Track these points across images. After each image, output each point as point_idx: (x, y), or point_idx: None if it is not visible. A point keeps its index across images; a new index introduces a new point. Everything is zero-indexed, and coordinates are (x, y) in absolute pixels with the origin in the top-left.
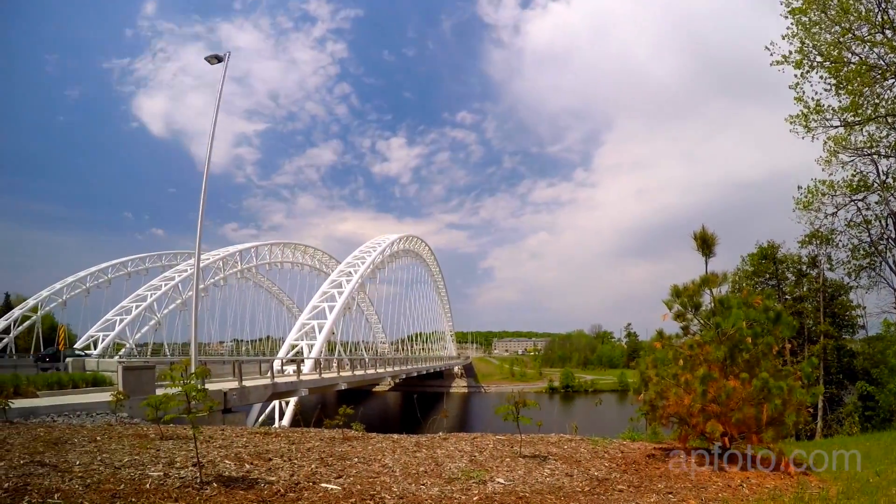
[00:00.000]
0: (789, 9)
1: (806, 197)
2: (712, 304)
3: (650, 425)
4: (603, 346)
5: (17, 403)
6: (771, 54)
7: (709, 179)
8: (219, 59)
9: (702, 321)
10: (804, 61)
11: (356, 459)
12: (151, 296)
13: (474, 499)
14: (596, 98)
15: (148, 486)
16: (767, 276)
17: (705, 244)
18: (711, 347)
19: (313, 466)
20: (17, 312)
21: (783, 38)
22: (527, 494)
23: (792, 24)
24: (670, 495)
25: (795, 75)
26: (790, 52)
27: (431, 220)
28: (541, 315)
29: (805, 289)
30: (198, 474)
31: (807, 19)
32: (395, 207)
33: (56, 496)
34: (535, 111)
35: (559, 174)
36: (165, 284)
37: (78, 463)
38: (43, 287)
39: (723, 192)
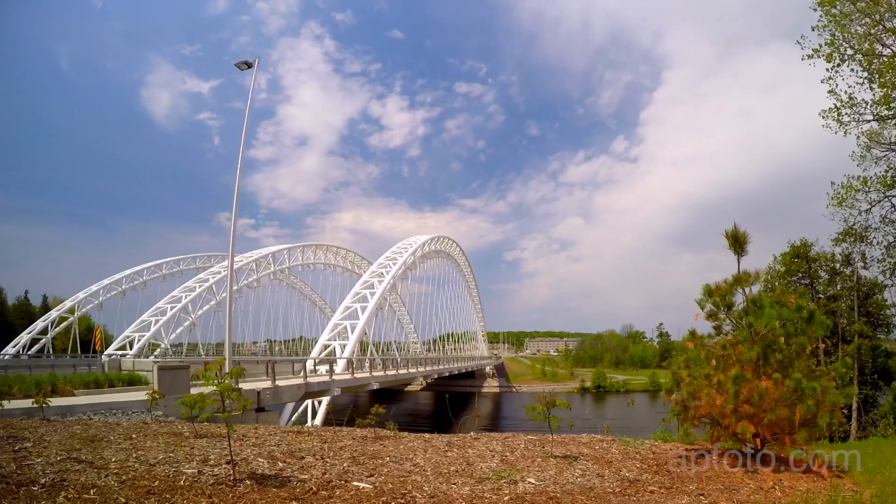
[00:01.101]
0: (818, 0)
1: (839, 193)
2: (745, 304)
3: (682, 426)
4: (635, 346)
5: (55, 402)
6: (802, 48)
7: (779, 140)
8: (248, 66)
9: (734, 321)
10: (835, 54)
11: (388, 458)
12: (186, 297)
13: (505, 498)
14: (640, 23)
15: (182, 482)
16: (800, 274)
17: (737, 243)
18: (744, 347)
19: (345, 465)
20: (54, 314)
21: (813, 31)
22: (557, 495)
23: (822, 15)
24: (702, 497)
25: (827, 69)
26: (821, 46)
27: (451, 208)
28: (572, 315)
29: (839, 287)
30: (231, 472)
31: (837, 11)
32: (405, 190)
33: (92, 492)
34: (561, 44)
35: (595, 144)
36: (200, 286)
37: (114, 460)
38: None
39: (797, 155)
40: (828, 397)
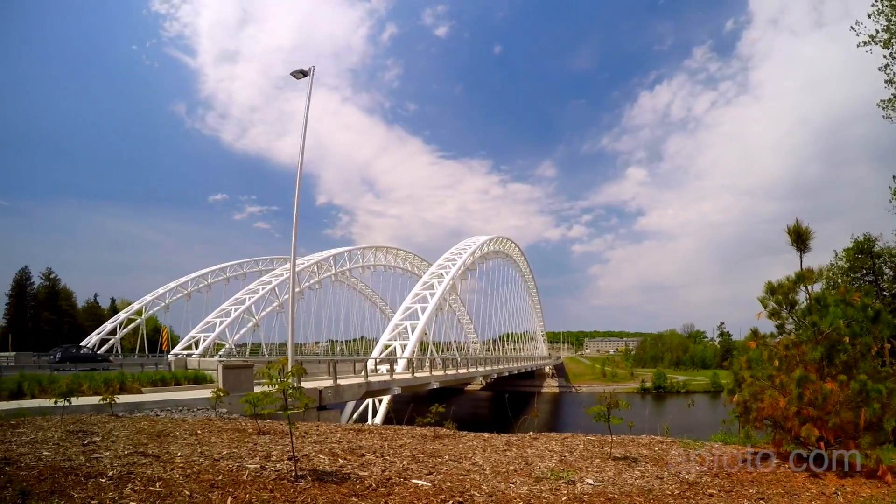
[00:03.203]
0: None
1: None
2: (808, 302)
3: (743, 428)
4: (695, 346)
5: (123, 399)
6: (857, 35)
7: None
8: (304, 74)
9: (797, 319)
10: (892, 40)
11: (447, 457)
12: (249, 299)
13: (563, 499)
14: None
15: (245, 477)
16: (864, 271)
17: (800, 239)
18: (807, 347)
19: (405, 463)
20: (122, 315)
21: (869, 17)
22: (616, 496)
23: (876, 1)
24: (762, 501)
25: (884, 56)
26: (877, 32)
27: (471, 162)
28: (633, 312)
29: None
30: (293, 468)
31: None
32: (397, 131)
33: (158, 485)
34: None
35: (666, 58)
36: (263, 288)
37: (179, 454)
38: None
39: None
40: (893, 400)
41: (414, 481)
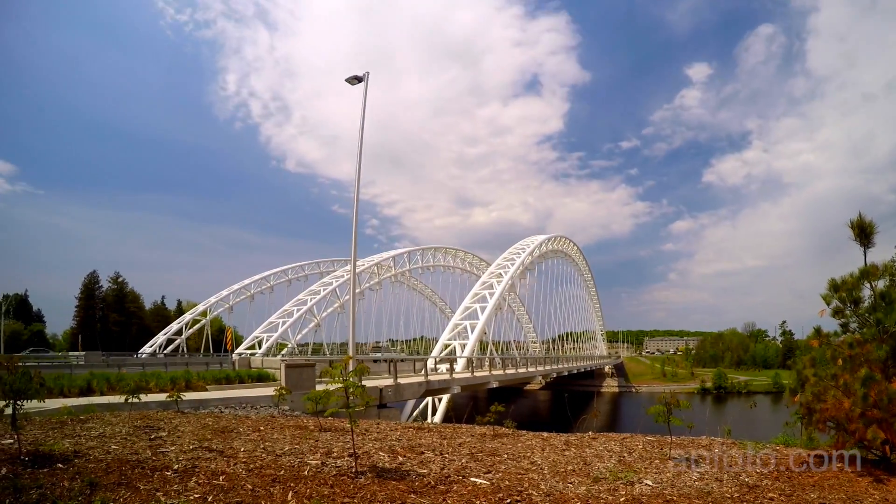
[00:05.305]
0: None
1: None
2: (873, 299)
3: (805, 430)
4: (756, 346)
5: (189, 396)
6: None
7: None
8: (359, 80)
9: (861, 317)
10: None
11: (505, 456)
12: (311, 300)
13: (621, 499)
14: None
15: (306, 473)
16: None
17: (863, 233)
18: (872, 346)
19: (463, 461)
20: (188, 316)
21: None
22: (674, 498)
23: None
24: None
25: None
26: None
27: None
28: (692, 310)
29: None
30: (353, 464)
31: None
32: None
33: (221, 478)
34: None
35: None
36: (324, 289)
37: (242, 450)
38: None
39: None
40: None
41: (472, 479)
